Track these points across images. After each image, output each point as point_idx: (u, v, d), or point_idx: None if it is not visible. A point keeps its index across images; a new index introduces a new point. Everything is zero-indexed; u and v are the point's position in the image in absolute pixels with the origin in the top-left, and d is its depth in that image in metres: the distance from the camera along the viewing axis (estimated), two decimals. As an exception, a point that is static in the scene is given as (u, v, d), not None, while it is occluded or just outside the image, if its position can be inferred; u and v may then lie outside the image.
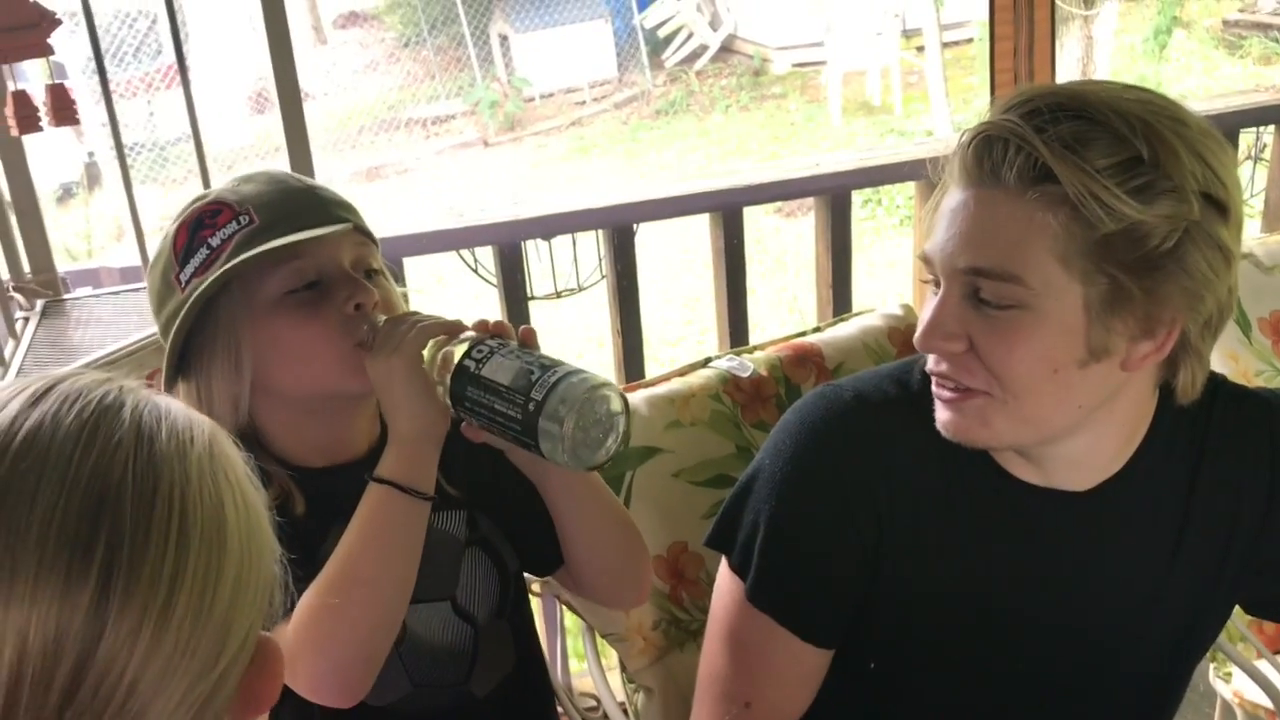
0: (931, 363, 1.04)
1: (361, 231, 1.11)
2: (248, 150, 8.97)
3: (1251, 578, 1.16)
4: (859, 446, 1.11)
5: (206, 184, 1.94)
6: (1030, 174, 0.94)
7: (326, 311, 1.04)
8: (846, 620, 1.15)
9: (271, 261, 1.03)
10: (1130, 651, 1.16)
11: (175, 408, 0.63)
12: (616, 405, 0.93)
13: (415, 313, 1.05)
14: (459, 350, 0.97)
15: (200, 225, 1.06)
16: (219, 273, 1.03)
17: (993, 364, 0.99)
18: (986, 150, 0.97)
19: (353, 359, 1.03)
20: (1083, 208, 0.93)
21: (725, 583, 1.18)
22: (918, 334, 1.02)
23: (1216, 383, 1.13)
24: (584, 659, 2.64)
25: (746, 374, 1.57)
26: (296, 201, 1.06)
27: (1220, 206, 0.96)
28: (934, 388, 1.05)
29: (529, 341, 1.00)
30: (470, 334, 1.00)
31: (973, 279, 0.98)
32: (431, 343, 0.99)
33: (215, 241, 1.04)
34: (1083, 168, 0.92)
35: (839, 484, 1.11)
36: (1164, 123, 0.95)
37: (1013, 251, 0.96)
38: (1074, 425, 1.03)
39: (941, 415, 1.05)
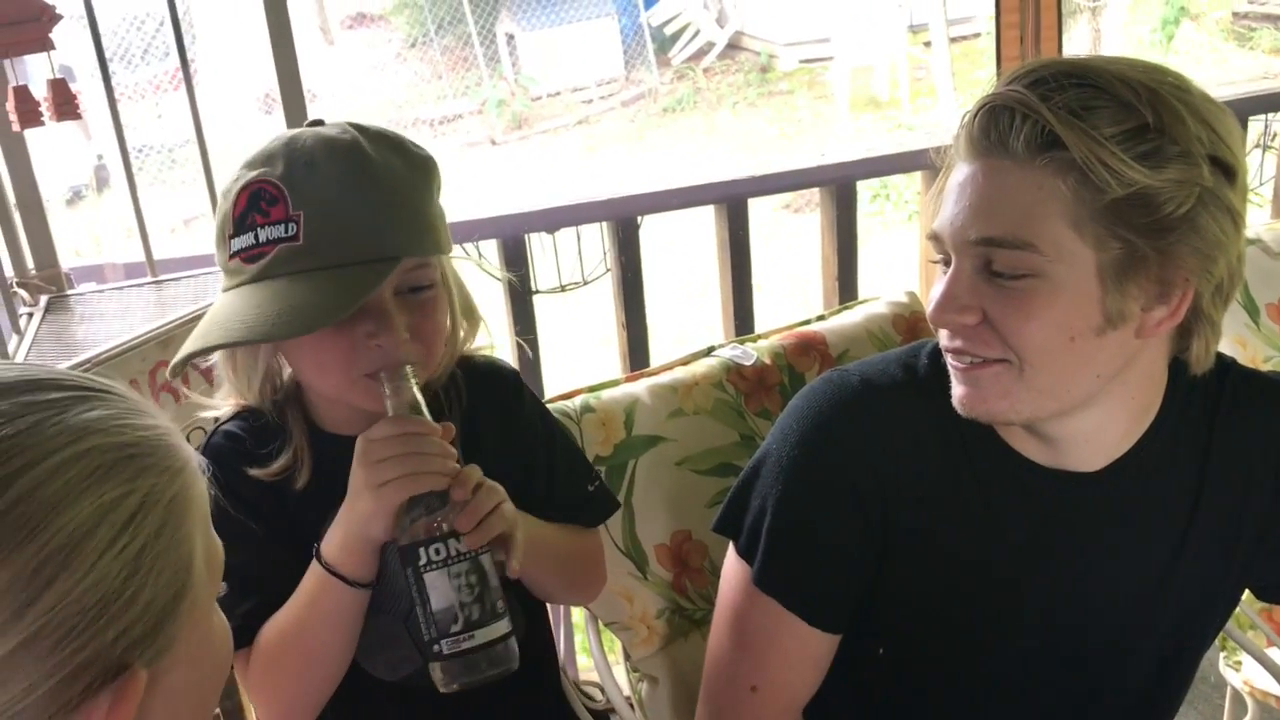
0: (945, 339, 1.03)
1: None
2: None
3: (1261, 561, 1.15)
4: (866, 430, 1.11)
5: (211, 188, 1.94)
6: (1038, 141, 0.94)
7: (349, 336, 1.03)
8: (854, 605, 1.14)
9: None
10: (1139, 635, 1.15)
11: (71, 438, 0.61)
12: (502, 674, 1.01)
13: (415, 425, 1.02)
14: (422, 524, 1.00)
15: (256, 204, 1.03)
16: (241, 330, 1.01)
17: (1009, 334, 0.98)
18: (993, 121, 0.97)
19: (362, 384, 1.05)
20: (1090, 173, 0.93)
21: (732, 568, 1.18)
22: (930, 309, 1.02)
23: (1226, 364, 1.13)
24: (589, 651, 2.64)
25: (750, 362, 1.56)
26: (353, 224, 1.00)
27: (1227, 170, 0.96)
28: (949, 363, 1.04)
29: (499, 542, 1.02)
30: (443, 514, 1.00)
31: (985, 250, 0.98)
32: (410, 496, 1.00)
33: (262, 236, 1.02)
34: (1089, 133, 0.92)
35: (846, 468, 1.10)
36: (1167, 89, 0.95)
37: (1024, 219, 0.96)
38: (1090, 396, 1.02)
39: (958, 391, 1.04)
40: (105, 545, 0.59)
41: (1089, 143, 0.92)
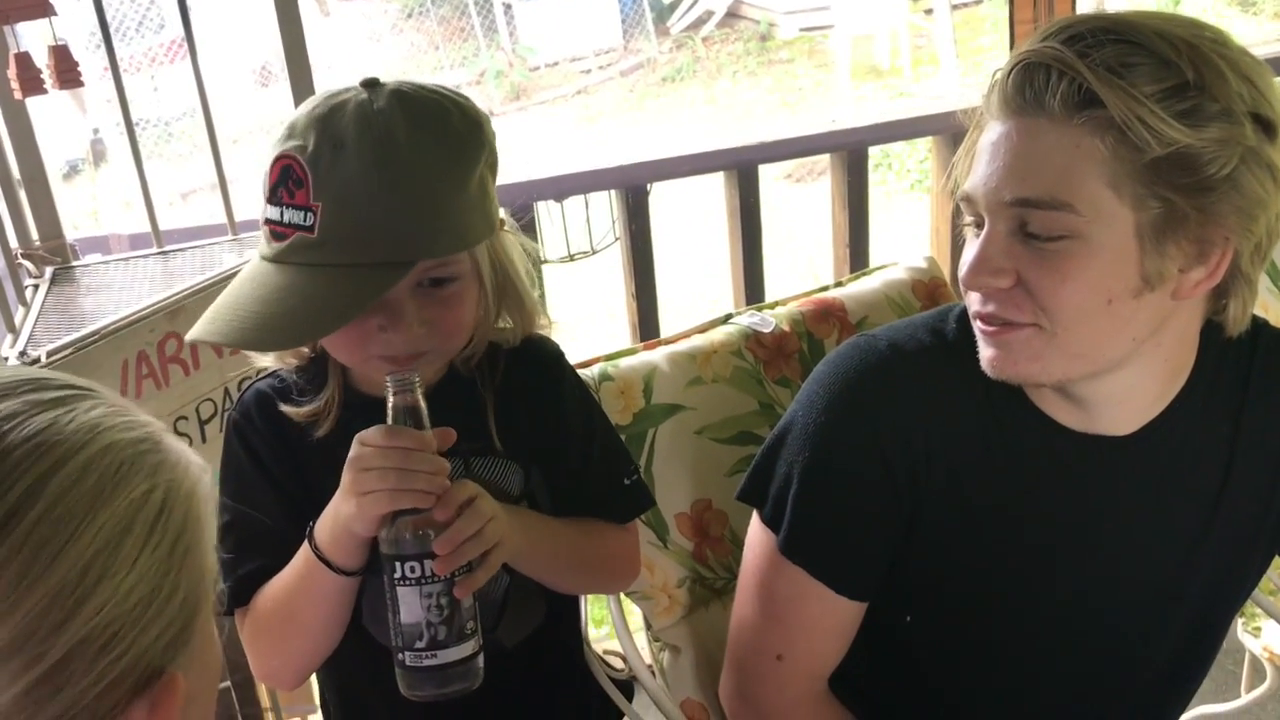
0: (977, 303, 1.01)
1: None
2: (252, 125, 8.92)
3: None
4: (894, 396, 1.09)
5: (217, 159, 1.92)
6: (1075, 99, 0.92)
7: (361, 325, 1.02)
8: (881, 573, 1.13)
9: None
10: (1170, 602, 1.14)
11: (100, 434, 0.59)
12: (461, 691, 1.01)
13: (406, 439, 0.98)
14: (402, 537, 0.98)
15: (285, 181, 1.00)
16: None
17: (1044, 298, 0.96)
18: (1028, 78, 0.94)
19: (375, 363, 1.05)
20: (1130, 132, 0.90)
21: (757, 536, 1.16)
22: (963, 272, 0.99)
23: (1259, 324, 1.11)
24: (601, 624, 2.65)
25: (768, 330, 1.54)
26: (369, 226, 0.97)
27: (1268, 126, 0.94)
28: (978, 327, 1.02)
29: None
30: (424, 529, 0.98)
31: (1020, 212, 0.96)
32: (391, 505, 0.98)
33: (285, 217, 1.00)
34: (1129, 91, 0.90)
35: (874, 434, 1.08)
36: (1207, 45, 0.93)
37: (1061, 179, 0.93)
38: (1124, 358, 1.00)
39: (986, 352, 1.02)
40: (141, 543, 0.57)
41: (1128, 101, 0.90)
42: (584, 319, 5.24)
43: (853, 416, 1.10)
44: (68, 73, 1.76)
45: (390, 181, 0.97)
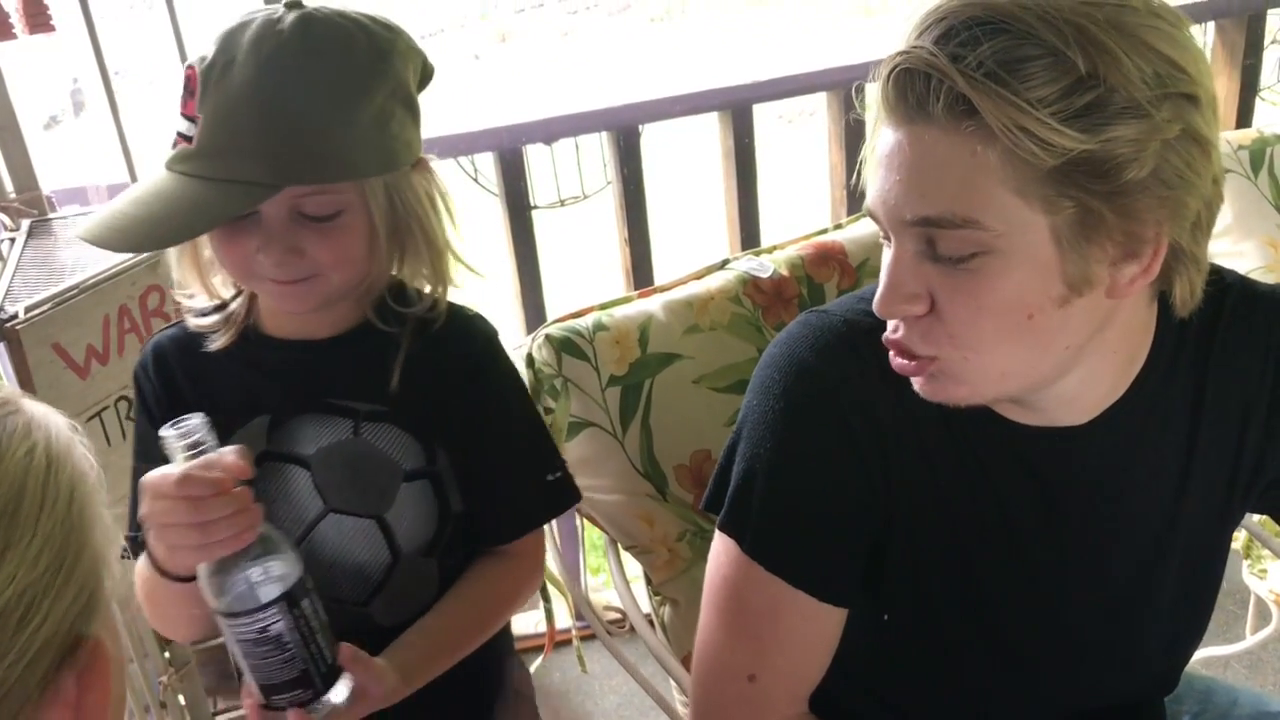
0: (891, 329, 0.92)
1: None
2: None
3: (1263, 486, 1.07)
4: (857, 376, 0.99)
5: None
6: (959, 106, 0.81)
7: (243, 245, 1.03)
8: (860, 572, 1.04)
9: None
10: (1150, 581, 1.08)
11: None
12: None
13: (197, 486, 0.88)
14: (235, 597, 0.89)
15: (186, 89, 1.00)
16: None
17: (958, 325, 0.87)
18: (908, 84, 0.83)
19: (265, 285, 1.05)
20: (1014, 146, 0.80)
21: (721, 545, 1.06)
22: (877, 299, 0.90)
23: (1228, 283, 1.02)
24: (597, 572, 2.63)
25: (767, 274, 1.50)
26: (240, 143, 0.97)
27: (1189, 97, 0.83)
28: (891, 359, 0.94)
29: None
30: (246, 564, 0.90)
31: (925, 231, 0.86)
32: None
33: (180, 126, 1.01)
34: (1009, 99, 0.79)
35: (840, 414, 0.98)
36: (1097, 22, 0.80)
37: (961, 193, 0.83)
38: (1063, 367, 0.92)
39: (914, 379, 0.94)
40: (39, 504, 0.54)
41: (1007, 110, 0.79)
42: (575, 265, 5.18)
43: (817, 399, 0.99)
44: (37, 16, 1.70)
45: (265, 102, 0.96)
